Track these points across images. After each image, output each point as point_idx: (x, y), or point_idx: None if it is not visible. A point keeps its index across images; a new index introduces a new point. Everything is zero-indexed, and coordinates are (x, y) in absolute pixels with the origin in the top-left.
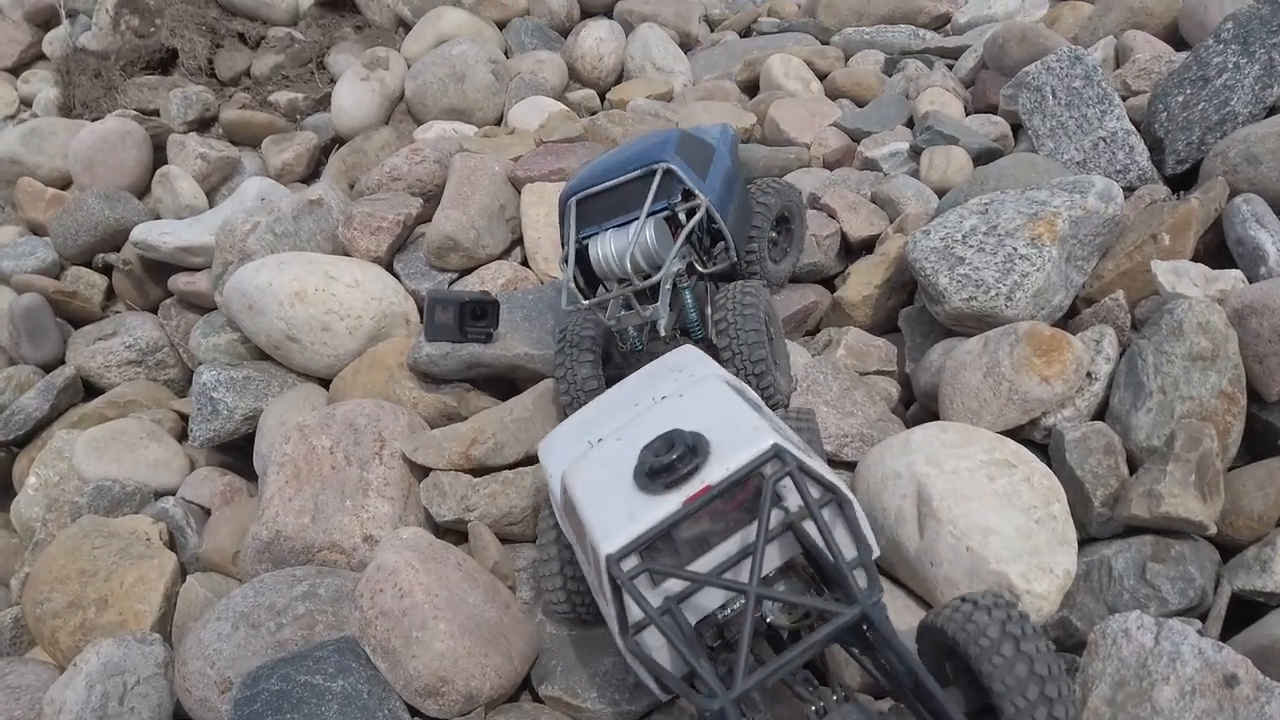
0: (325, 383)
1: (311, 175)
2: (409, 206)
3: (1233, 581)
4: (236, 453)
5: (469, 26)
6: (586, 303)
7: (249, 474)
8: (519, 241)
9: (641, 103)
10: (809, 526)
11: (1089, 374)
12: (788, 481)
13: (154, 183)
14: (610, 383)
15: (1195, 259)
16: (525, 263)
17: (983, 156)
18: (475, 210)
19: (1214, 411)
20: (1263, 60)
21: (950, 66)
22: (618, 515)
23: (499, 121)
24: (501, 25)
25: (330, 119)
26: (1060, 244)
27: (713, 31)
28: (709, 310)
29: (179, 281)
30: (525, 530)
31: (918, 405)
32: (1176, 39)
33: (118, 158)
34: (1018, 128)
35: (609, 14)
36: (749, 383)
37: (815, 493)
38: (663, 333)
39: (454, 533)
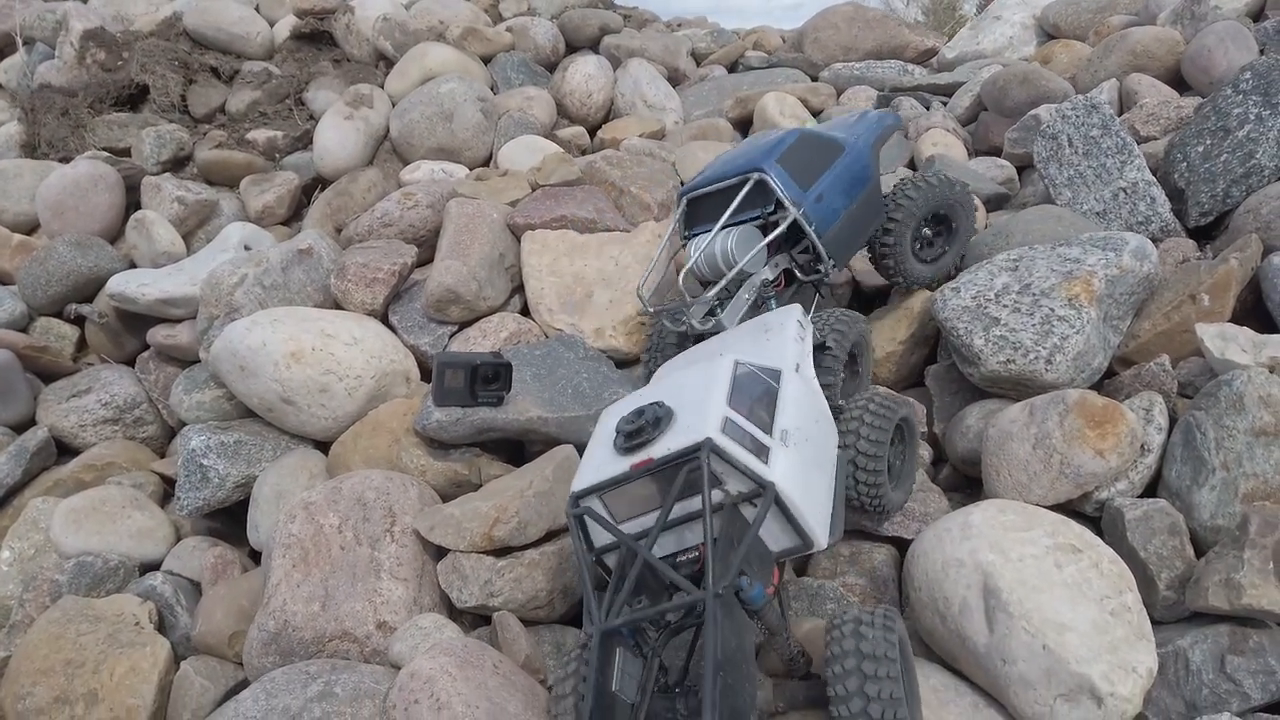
0: (320, 444)
1: (293, 217)
2: (404, 255)
3: None
4: (225, 517)
5: (455, 63)
6: (653, 310)
7: (239, 540)
8: (518, 289)
9: (636, 142)
10: (747, 510)
11: (1143, 446)
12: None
13: (128, 228)
14: None
15: (1233, 318)
16: (525, 312)
17: (992, 201)
18: (476, 260)
19: None
20: None
21: (944, 103)
22: (591, 462)
23: (489, 161)
24: (486, 60)
25: (312, 159)
26: (1098, 304)
27: (699, 65)
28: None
29: (158, 335)
30: (550, 614)
31: (950, 469)
32: (1177, 81)
33: (89, 203)
34: (1022, 169)
35: (594, 48)
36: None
37: (743, 486)
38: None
39: (469, 612)
